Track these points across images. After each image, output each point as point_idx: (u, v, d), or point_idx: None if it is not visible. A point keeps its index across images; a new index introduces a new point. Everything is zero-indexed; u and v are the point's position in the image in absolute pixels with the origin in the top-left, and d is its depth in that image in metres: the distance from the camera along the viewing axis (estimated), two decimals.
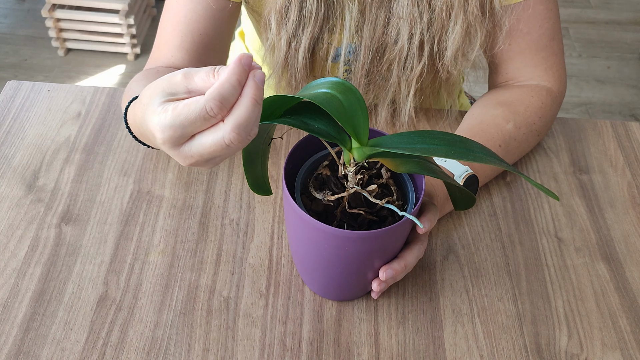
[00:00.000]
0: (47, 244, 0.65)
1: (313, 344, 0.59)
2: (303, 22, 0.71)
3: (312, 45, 0.73)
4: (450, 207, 0.68)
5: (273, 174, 0.73)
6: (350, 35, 0.72)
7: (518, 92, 0.77)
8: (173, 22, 0.74)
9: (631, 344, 0.60)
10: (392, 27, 0.70)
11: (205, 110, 0.41)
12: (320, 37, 0.73)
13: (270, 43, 0.74)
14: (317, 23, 0.71)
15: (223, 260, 0.65)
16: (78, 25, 2.11)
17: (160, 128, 0.44)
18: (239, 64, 0.41)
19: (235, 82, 0.41)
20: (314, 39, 0.73)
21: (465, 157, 0.46)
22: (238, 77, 0.41)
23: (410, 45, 0.71)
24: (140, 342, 0.58)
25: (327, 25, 0.72)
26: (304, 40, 0.72)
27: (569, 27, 2.42)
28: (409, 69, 0.73)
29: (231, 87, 0.41)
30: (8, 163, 0.73)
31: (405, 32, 0.70)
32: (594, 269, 0.66)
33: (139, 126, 0.51)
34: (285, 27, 0.71)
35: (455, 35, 0.70)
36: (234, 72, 0.41)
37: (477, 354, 0.59)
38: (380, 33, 0.71)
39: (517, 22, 0.73)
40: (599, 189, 0.74)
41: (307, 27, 0.71)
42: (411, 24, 0.69)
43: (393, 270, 0.56)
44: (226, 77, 0.41)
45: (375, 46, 0.72)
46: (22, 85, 0.83)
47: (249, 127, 0.42)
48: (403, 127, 0.79)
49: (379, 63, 0.74)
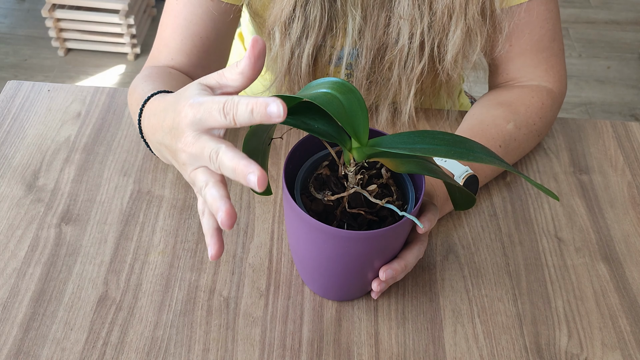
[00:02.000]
0: (47, 244, 0.65)
1: (313, 344, 0.59)
2: (307, 31, 0.71)
3: (314, 53, 0.73)
4: (450, 207, 0.68)
5: (273, 174, 0.73)
6: (353, 40, 0.72)
7: (518, 92, 0.77)
8: (173, 25, 0.74)
9: (631, 344, 0.60)
10: (393, 27, 0.70)
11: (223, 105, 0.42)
12: (323, 45, 0.74)
13: (273, 54, 0.74)
14: (320, 31, 0.71)
15: (223, 260, 0.65)
16: (78, 25, 2.11)
17: (191, 102, 0.44)
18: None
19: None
20: (317, 46, 0.73)
21: (465, 157, 0.46)
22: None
23: (411, 44, 0.71)
24: (140, 342, 0.58)
25: (330, 33, 0.72)
26: (307, 48, 0.72)
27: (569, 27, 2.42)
28: (409, 68, 0.73)
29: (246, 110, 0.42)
30: (8, 163, 0.73)
31: (405, 31, 0.70)
32: (594, 269, 0.66)
33: (162, 111, 0.51)
34: (289, 38, 0.71)
35: (455, 39, 0.70)
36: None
37: (477, 354, 0.59)
38: (382, 33, 0.71)
39: (518, 23, 0.73)
40: (599, 189, 0.74)
41: (310, 36, 0.71)
42: (412, 24, 0.69)
43: (393, 270, 0.56)
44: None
45: (376, 46, 0.72)
46: (22, 85, 0.83)
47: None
48: (404, 127, 0.79)
49: (380, 63, 0.74)
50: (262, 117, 0.40)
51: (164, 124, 0.48)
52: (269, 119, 0.40)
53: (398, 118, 0.78)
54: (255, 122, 0.41)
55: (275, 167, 0.74)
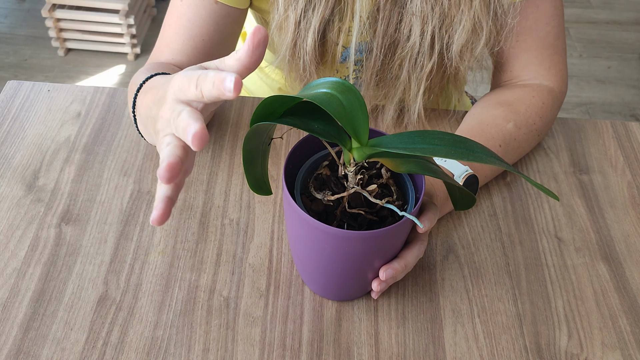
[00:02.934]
0: (47, 244, 0.65)
1: (313, 344, 0.59)
2: (314, 1, 0.69)
3: (322, 28, 0.72)
4: (450, 207, 0.68)
5: (273, 174, 0.73)
6: (362, 24, 0.70)
7: (519, 91, 0.77)
8: (176, 26, 0.74)
9: (631, 344, 0.60)
10: (405, 24, 0.70)
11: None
12: (331, 20, 0.71)
13: (277, 22, 0.72)
14: (328, 3, 0.69)
15: (223, 260, 0.65)
16: (78, 25, 2.11)
17: (182, 74, 0.44)
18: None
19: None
20: (325, 21, 0.71)
21: (465, 157, 0.46)
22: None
23: (422, 42, 0.70)
24: (140, 342, 0.58)
25: (337, 6, 0.70)
26: (314, 21, 0.70)
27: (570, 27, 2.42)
28: (419, 66, 0.72)
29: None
30: (8, 163, 0.73)
31: (417, 28, 0.69)
32: (594, 269, 0.66)
33: (160, 85, 0.51)
34: (294, 6, 0.69)
35: (462, 31, 0.69)
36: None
37: (477, 354, 0.59)
38: (393, 30, 0.71)
39: (525, 19, 0.73)
40: (599, 189, 0.74)
41: (317, 8, 0.69)
42: (423, 20, 0.69)
43: (393, 270, 0.56)
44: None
45: (387, 43, 0.72)
46: (22, 85, 0.83)
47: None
48: (411, 126, 0.79)
49: (391, 60, 0.74)
50: (218, 91, 0.40)
51: (157, 96, 0.49)
52: (222, 94, 0.40)
53: (406, 116, 0.78)
54: (214, 96, 0.41)
55: (275, 167, 0.74)
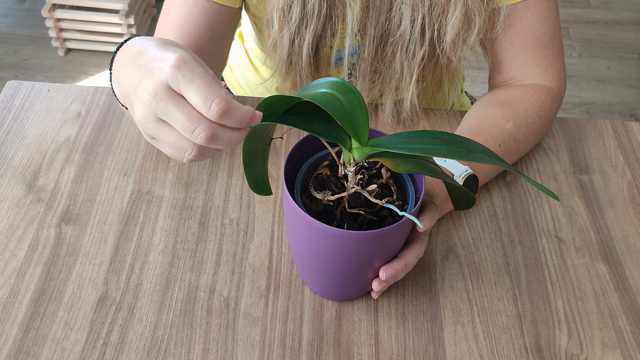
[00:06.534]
0: (47, 244, 0.65)
1: (313, 344, 0.59)
2: (306, 19, 0.71)
3: (315, 43, 0.73)
4: (450, 207, 0.68)
5: (273, 174, 0.73)
6: (353, 33, 0.72)
7: (518, 91, 0.77)
8: (168, 23, 0.74)
9: (631, 344, 0.60)
10: (395, 12, 0.71)
11: (211, 98, 0.42)
12: (324, 35, 0.73)
13: (272, 41, 0.74)
14: (319, 20, 0.71)
15: (223, 260, 0.65)
16: (78, 25, 2.11)
17: (179, 54, 0.43)
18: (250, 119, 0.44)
19: (240, 118, 0.43)
20: (317, 36, 0.73)
21: (465, 157, 0.46)
22: (244, 120, 0.43)
23: (413, 29, 0.71)
24: (140, 342, 0.58)
25: (329, 22, 0.72)
26: (307, 37, 0.72)
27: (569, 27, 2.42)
28: (411, 53, 0.73)
29: (237, 115, 0.42)
30: (8, 163, 0.73)
31: (407, 16, 0.70)
32: (594, 269, 0.66)
33: (141, 53, 0.48)
34: (288, 25, 0.71)
35: (454, 20, 0.70)
36: (245, 115, 0.43)
37: (477, 354, 0.59)
38: (384, 19, 0.71)
39: (519, 21, 0.73)
40: (599, 189, 0.74)
41: (310, 25, 0.71)
42: (413, 8, 0.69)
43: (393, 269, 0.56)
44: (242, 110, 0.43)
45: (379, 33, 0.72)
46: (22, 85, 0.83)
47: (220, 142, 0.43)
48: (407, 120, 0.79)
49: (383, 50, 0.74)
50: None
51: (148, 52, 0.47)
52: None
53: (401, 109, 0.78)
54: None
55: (275, 167, 0.74)
